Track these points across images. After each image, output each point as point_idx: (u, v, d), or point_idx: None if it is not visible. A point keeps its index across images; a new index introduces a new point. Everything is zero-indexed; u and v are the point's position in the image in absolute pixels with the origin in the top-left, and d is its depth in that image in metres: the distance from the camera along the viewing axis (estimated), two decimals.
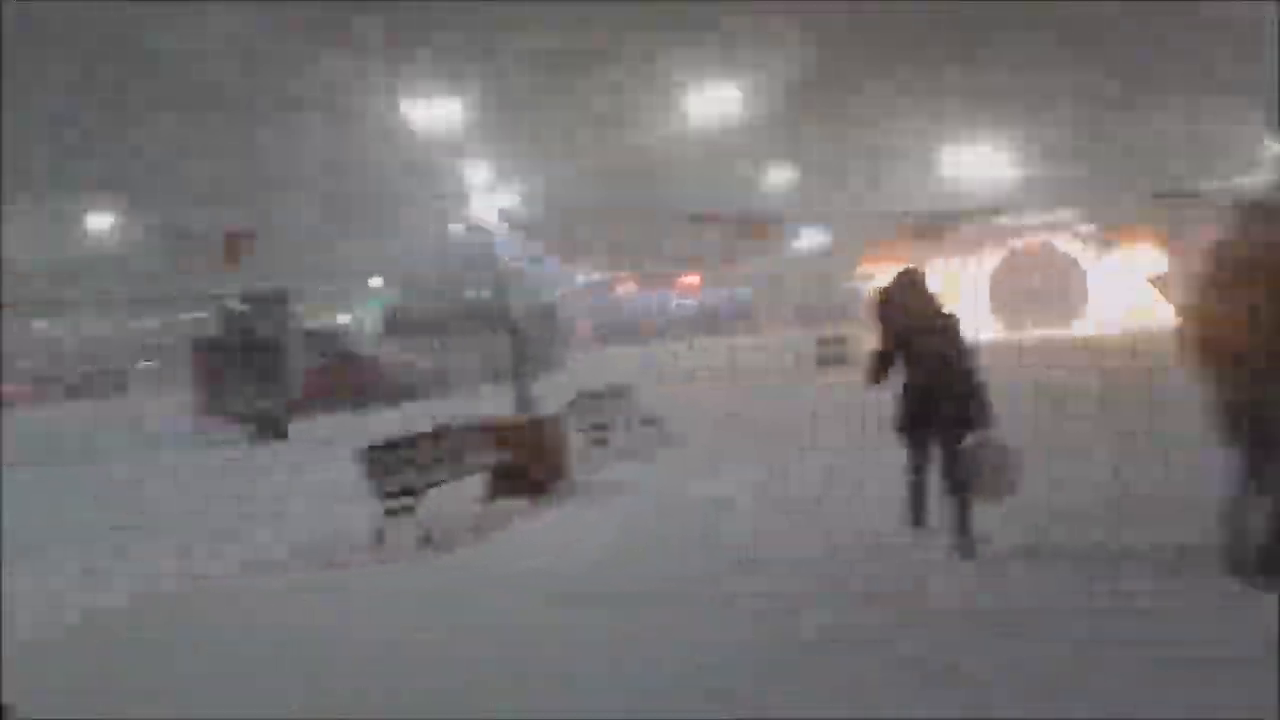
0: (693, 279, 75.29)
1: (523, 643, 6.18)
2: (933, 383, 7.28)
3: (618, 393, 14.95)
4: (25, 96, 46.56)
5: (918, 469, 7.44)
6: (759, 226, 21.77)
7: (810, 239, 37.09)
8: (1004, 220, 38.00)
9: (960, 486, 7.09)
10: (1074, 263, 37.83)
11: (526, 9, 46.41)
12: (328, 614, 7.21)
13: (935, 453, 7.27)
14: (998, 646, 5.26)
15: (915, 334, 7.41)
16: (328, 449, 15.64)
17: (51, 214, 55.61)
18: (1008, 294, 37.70)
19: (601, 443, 13.18)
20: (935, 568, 6.80)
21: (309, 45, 49.07)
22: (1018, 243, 39.07)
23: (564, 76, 53.27)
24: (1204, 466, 6.37)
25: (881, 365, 7.54)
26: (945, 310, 7.60)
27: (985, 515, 7.09)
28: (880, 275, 38.58)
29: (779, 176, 54.83)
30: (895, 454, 7.59)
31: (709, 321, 56.46)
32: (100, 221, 58.23)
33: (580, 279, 76.49)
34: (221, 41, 49.33)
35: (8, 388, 43.25)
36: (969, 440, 7.14)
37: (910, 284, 7.64)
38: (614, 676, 5.49)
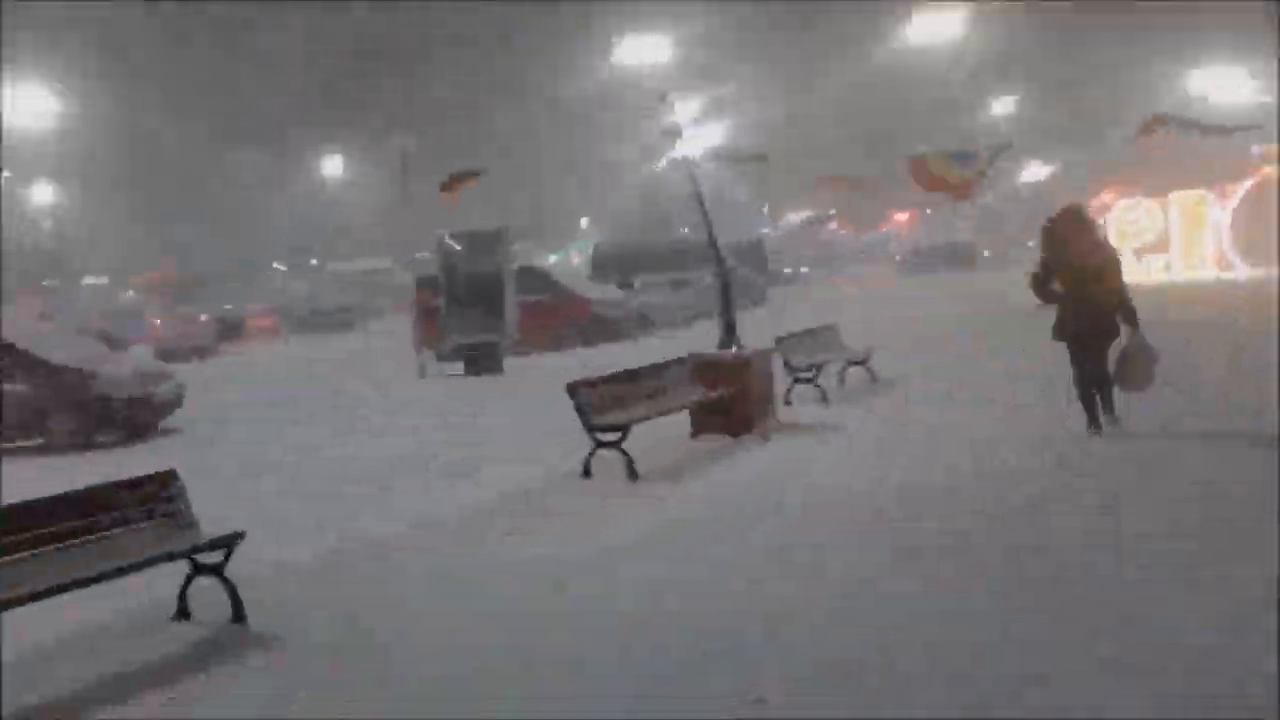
0: (904, 216, 73.02)
1: (714, 578, 6.22)
2: (1093, 295, 9.10)
3: (825, 332, 14.69)
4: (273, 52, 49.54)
5: (1089, 371, 9.30)
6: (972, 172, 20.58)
7: (1035, 172, 35.14)
8: (1255, 147, 34.72)
9: (1108, 378, 9.25)
10: None
11: None
12: (533, 542, 7.44)
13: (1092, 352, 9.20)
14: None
15: (1076, 258, 9.19)
16: (542, 383, 16.08)
17: (287, 164, 59.22)
18: (1256, 228, 34.71)
19: (809, 382, 12.98)
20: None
21: None
22: (1270, 169, 35.80)
23: (775, 11, 52.22)
24: None
25: (1045, 283, 9.46)
26: (1101, 239, 9.81)
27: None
28: (1111, 208, 36.30)
29: (1002, 106, 52.14)
30: None
31: (923, 262, 54.50)
32: (332, 165, 61.62)
33: (791, 217, 75.51)
34: None
35: (257, 320, 46.49)
36: (1124, 344, 9.11)
37: (1074, 218, 9.45)
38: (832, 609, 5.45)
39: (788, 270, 53.25)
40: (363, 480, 10.48)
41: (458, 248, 21.02)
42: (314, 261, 70.35)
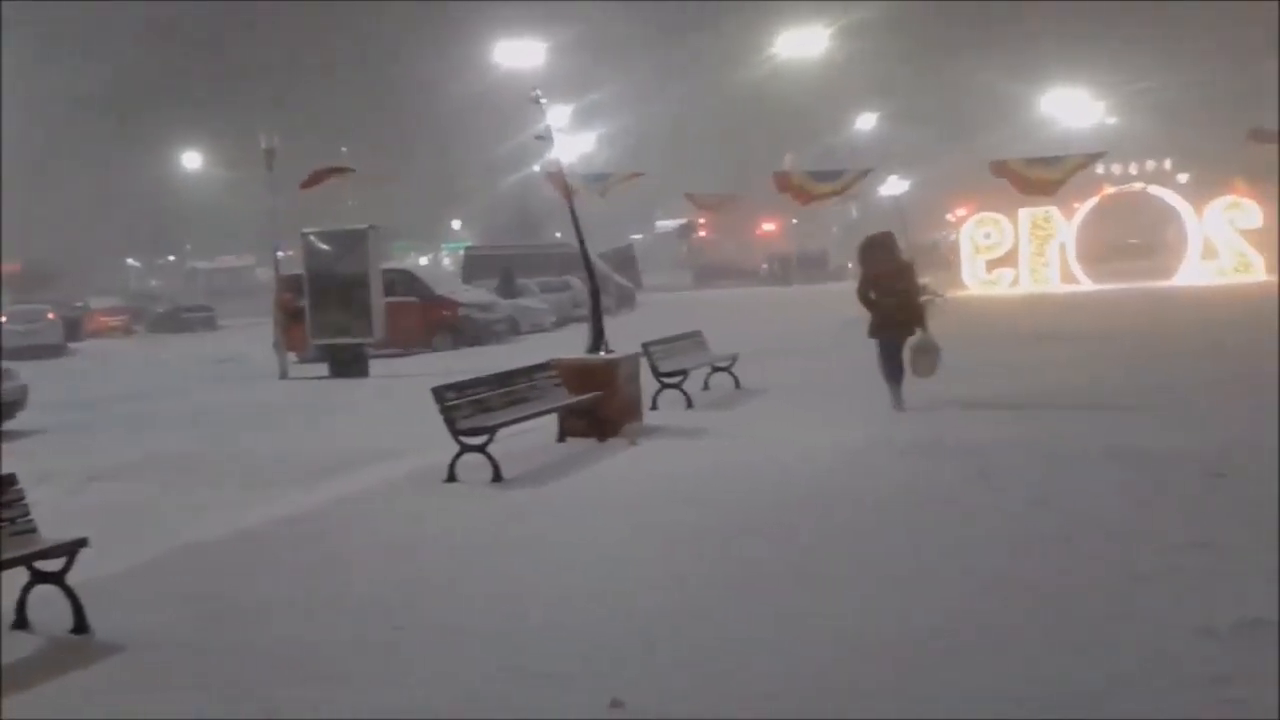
0: (770, 226, 74.57)
1: (581, 572, 6.27)
2: (896, 303, 11.78)
3: (691, 338, 14.93)
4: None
5: (893, 360, 11.83)
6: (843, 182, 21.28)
7: (893, 187, 36.41)
8: (1099, 169, 36.65)
9: (901, 369, 11.83)
10: (1170, 213, 36.47)
11: None
12: (390, 548, 7.36)
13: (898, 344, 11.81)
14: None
15: (886, 273, 11.94)
16: (409, 386, 15.90)
17: (146, 158, 57.05)
18: (1098, 244, 36.60)
19: (675, 387, 13.17)
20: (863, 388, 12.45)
21: None
22: (1110, 190, 37.77)
23: (648, 22, 52.74)
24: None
25: (866, 291, 12.02)
26: (904, 259, 12.40)
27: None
28: (962, 223, 37.70)
29: (864, 121, 53.74)
30: None
31: (785, 269, 55.77)
32: (193, 161, 59.63)
33: (662, 224, 76.24)
34: None
35: (107, 318, 44.59)
36: (912, 341, 11.82)
37: (883, 242, 12.21)
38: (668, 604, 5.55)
39: (656, 277, 53.79)
40: (215, 482, 10.20)
41: (323, 247, 20.57)
42: (172, 258, 67.86)
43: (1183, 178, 55.70)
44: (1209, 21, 51.23)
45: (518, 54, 38.39)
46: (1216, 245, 33.43)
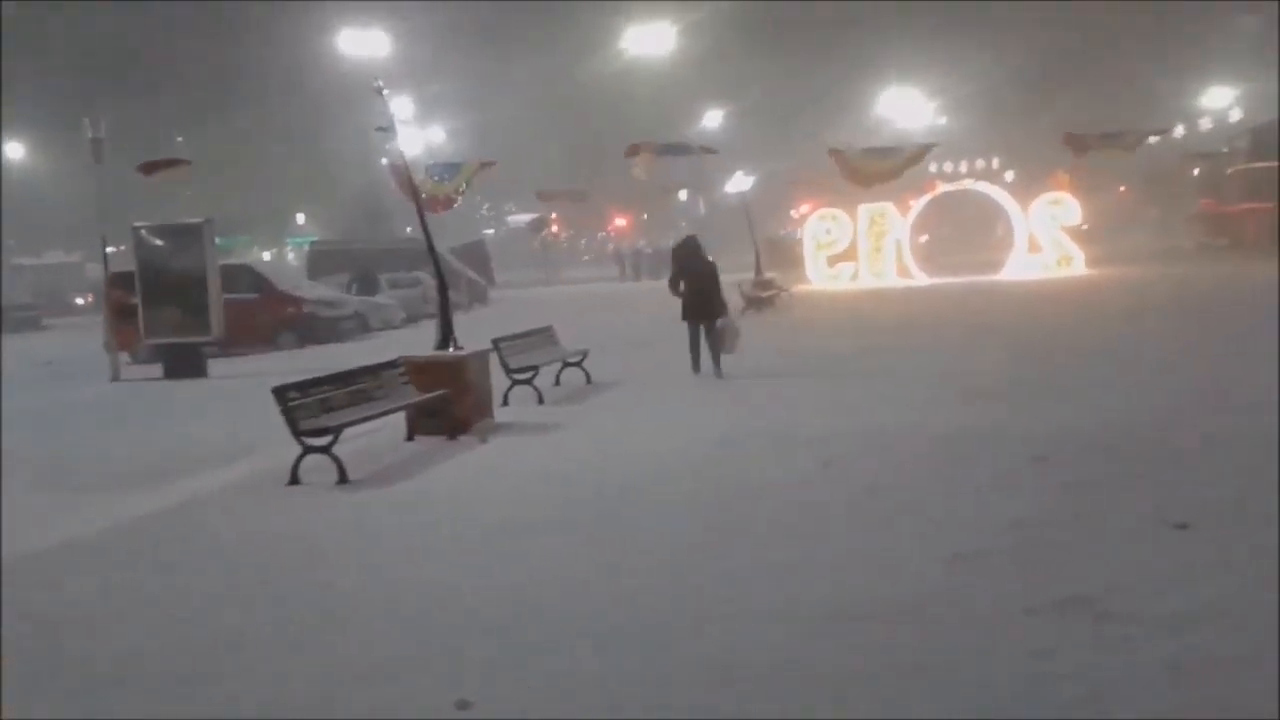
0: (622, 221, 75.06)
1: (431, 570, 6.23)
2: (700, 294, 14.45)
3: (542, 334, 14.95)
4: None
5: (694, 339, 14.60)
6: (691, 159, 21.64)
7: (739, 183, 37.14)
8: (931, 167, 38.21)
9: (715, 345, 14.39)
10: (998, 209, 38.25)
11: None
12: (230, 553, 7.16)
13: (702, 329, 14.56)
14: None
15: (692, 270, 14.63)
16: (250, 386, 15.43)
17: None
18: (931, 239, 38.16)
19: (526, 383, 13.18)
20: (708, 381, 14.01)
21: None
22: (945, 188, 39.41)
23: (496, 11, 52.34)
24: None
25: (675, 284, 14.74)
26: (709, 259, 14.90)
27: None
28: (809, 217, 38.71)
29: (710, 119, 54.61)
30: None
31: (635, 265, 56.22)
32: (14, 151, 56.35)
33: (513, 219, 75.79)
34: None
35: None
36: (718, 323, 14.48)
37: (689, 245, 15.03)
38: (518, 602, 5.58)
39: (507, 273, 53.48)
40: (42, 489, 9.71)
41: (157, 242, 19.73)
42: None
43: (1009, 175, 58.56)
44: (1034, 23, 53.88)
45: (362, 43, 37.61)
46: (1040, 241, 35.25)
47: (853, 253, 36.46)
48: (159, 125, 46.88)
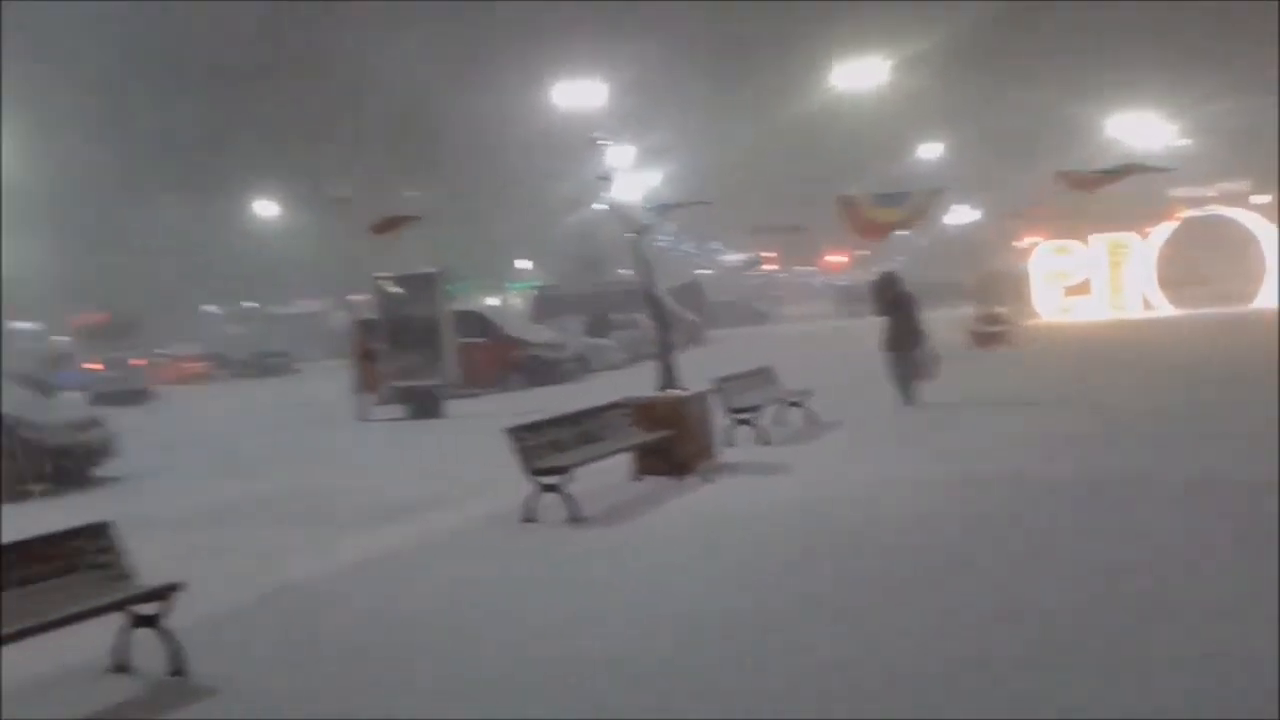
0: (839, 257, 74.16)
1: (663, 610, 6.28)
2: (901, 325, 15.40)
3: (763, 374, 14.92)
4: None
5: (898, 368, 15.35)
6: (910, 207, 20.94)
7: (962, 215, 36.02)
8: (1176, 192, 35.91)
9: (916, 373, 15.24)
10: (1249, 236, 35.60)
11: None
12: (479, 587, 7.44)
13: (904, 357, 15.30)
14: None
15: (892, 303, 15.72)
16: (483, 426, 16.08)
17: (219, 205, 58.66)
18: (1177, 268, 35.86)
19: (747, 423, 13.16)
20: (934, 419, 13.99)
21: (454, 25, 50.22)
22: (1189, 213, 36.99)
23: (710, 55, 53.14)
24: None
25: (881, 313, 15.84)
26: (908, 291, 15.94)
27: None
28: (1035, 247, 37.11)
29: (929, 150, 53.41)
30: None
31: (854, 302, 55.30)
32: (266, 209, 61.24)
33: (726, 258, 76.30)
34: (358, 26, 50.85)
35: (189, 364, 45.69)
36: (919, 352, 15.33)
37: (892, 277, 16.39)
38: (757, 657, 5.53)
39: (727, 311, 53.72)
40: (302, 524, 10.41)
41: (395, 290, 20.96)
42: (249, 304, 69.41)
43: (1261, 199, 54.28)
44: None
45: (577, 94, 38.92)
46: None
47: (1088, 284, 34.75)
48: (388, 177, 49.85)
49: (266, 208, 61.54)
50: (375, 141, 54.07)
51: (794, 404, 14.41)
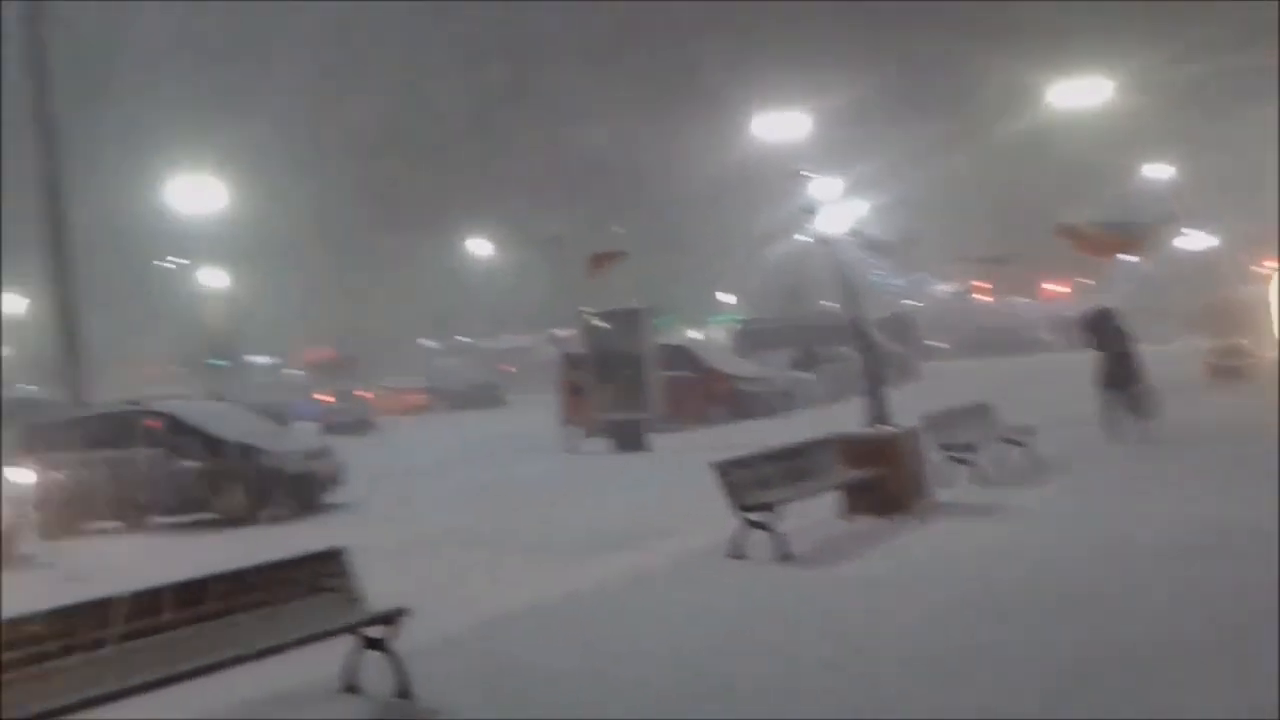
0: (1060, 287, 70.77)
1: (887, 655, 6.08)
2: (1117, 362, 15.15)
3: (980, 410, 14.35)
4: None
5: (1111, 406, 15.09)
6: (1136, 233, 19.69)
7: (1194, 241, 33.65)
8: None
9: (1136, 411, 14.85)
10: None
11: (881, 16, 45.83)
12: (691, 622, 7.42)
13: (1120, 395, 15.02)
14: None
15: (1108, 339, 15.45)
16: (688, 460, 16.14)
17: (436, 245, 61.76)
18: None
19: (963, 462, 12.67)
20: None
21: (656, 60, 51.23)
22: None
23: (914, 79, 52.13)
24: None
25: (1096, 349, 15.55)
26: (1124, 327, 15.60)
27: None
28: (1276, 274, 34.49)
29: (1155, 173, 50.49)
30: None
31: (1075, 334, 52.56)
32: (480, 247, 64.01)
33: (936, 288, 74.27)
34: (564, 67, 52.49)
35: (409, 396, 47.95)
36: (1136, 389, 15.01)
37: (1106, 313, 15.92)
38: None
39: (937, 345, 52.22)
40: (516, 553, 10.69)
41: (602, 326, 21.40)
42: (462, 338, 72.45)
43: None
44: None
45: (779, 126, 38.86)
46: None
47: None
48: (597, 216, 51.15)
49: (480, 246, 64.28)
50: (582, 180, 55.65)
51: (1015, 442, 13.76)
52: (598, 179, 55.64)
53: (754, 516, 9.50)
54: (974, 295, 74.37)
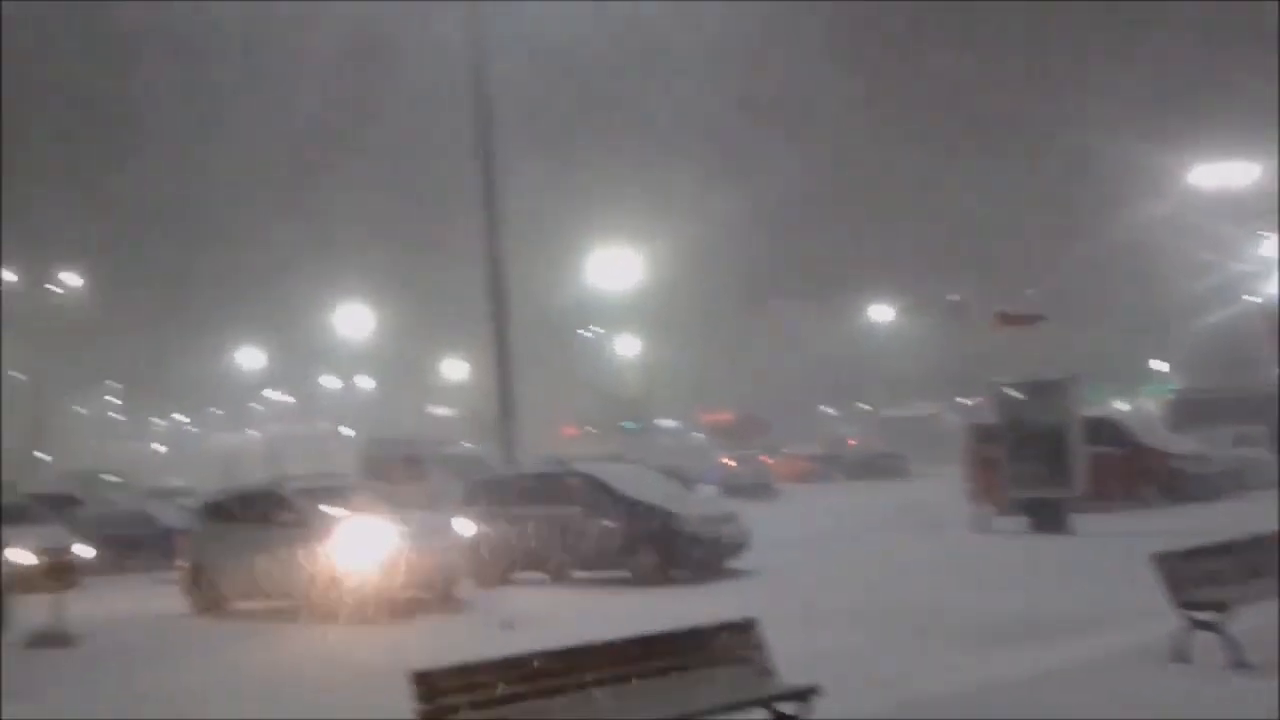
0: None
1: None
2: None
3: None
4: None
5: None
6: None
7: None
8: None
9: None
10: None
11: None
12: None
13: None
14: None
15: None
16: (1113, 547, 14.79)
17: (837, 311, 62.13)
18: None
19: None
20: None
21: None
22: None
23: None
24: None
25: None
26: None
27: None
28: None
29: None
30: None
31: None
32: (881, 314, 63.54)
33: None
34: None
35: (807, 463, 48.02)
36: None
37: None
38: None
39: None
40: (921, 636, 10.22)
41: (1017, 396, 20.24)
42: (862, 405, 71.85)
43: None
44: None
45: (1220, 176, 35.42)
46: None
47: None
48: (1005, 280, 48.97)
49: (882, 312, 63.66)
50: (988, 245, 53.72)
51: None
52: (1007, 244, 53.47)
53: (1199, 615, 8.42)
54: None
